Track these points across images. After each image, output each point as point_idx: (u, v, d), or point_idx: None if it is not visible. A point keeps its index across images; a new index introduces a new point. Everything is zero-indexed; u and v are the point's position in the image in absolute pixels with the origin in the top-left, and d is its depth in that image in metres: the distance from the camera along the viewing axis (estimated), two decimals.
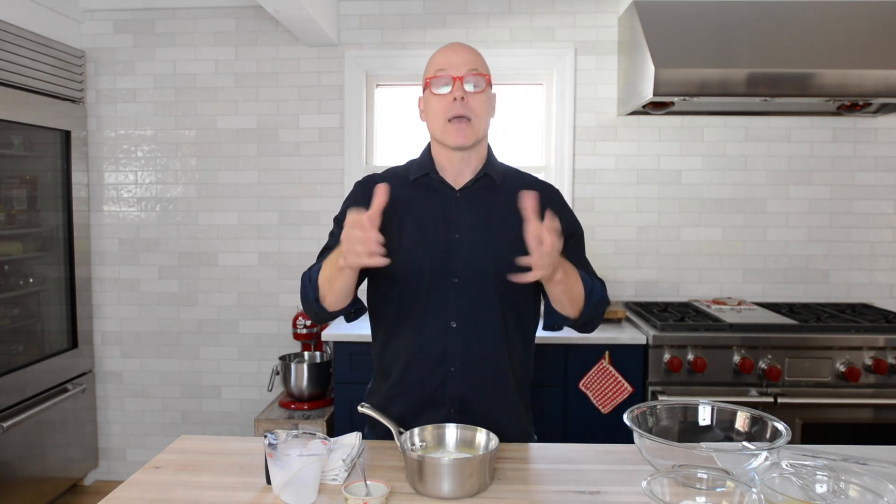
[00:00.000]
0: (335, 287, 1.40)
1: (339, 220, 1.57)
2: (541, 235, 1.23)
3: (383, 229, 1.49)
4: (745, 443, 1.33)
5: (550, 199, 1.55)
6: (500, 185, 1.54)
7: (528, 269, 1.27)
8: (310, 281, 1.46)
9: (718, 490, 1.15)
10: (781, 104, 3.05)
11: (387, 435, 1.43)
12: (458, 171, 1.54)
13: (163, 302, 3.38)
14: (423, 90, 1.53)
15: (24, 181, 3.02)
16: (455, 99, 1.45)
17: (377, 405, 1.50)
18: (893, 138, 3.18)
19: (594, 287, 1.47)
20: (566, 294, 1.41)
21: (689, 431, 1.38)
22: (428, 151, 1.58)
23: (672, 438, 1.36)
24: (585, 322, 1.50)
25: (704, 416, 1.39)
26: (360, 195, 1.56)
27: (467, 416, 1.47)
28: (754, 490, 1.06)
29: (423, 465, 1.22)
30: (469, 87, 1.46)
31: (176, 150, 3.34)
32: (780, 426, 1.27)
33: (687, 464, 1.19)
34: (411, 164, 1.61)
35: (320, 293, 1.44)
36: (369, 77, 3.29)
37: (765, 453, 1.18)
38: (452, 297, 1.48)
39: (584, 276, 1.47)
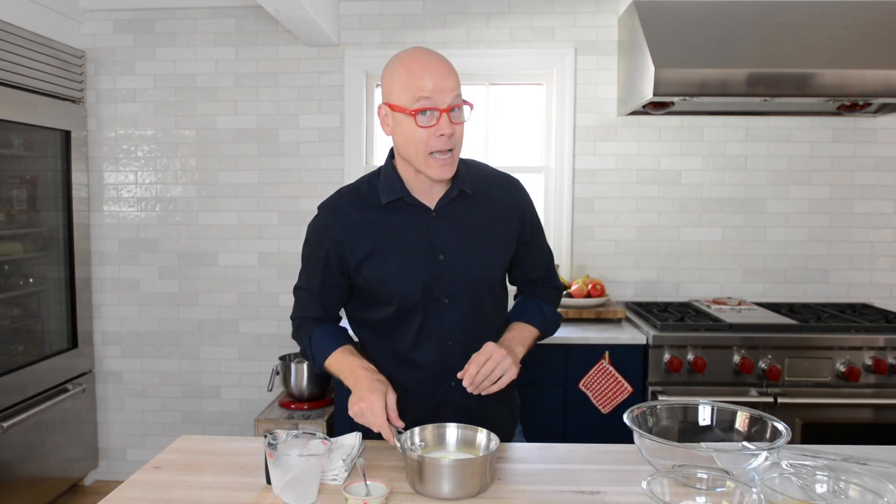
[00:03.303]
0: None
1: (307, 258, 1.59)
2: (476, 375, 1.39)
3: (366, 257, 1.48)
4: (745, 443, 1.33)
5: (517, 192, 1.58)
6: (473, 194, 1.50)
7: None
8: (313, 358, 1.55)
9: (718, 490, 1.15)
10: (781, 104, 3.05)
11: None
12: (429, 189, 1.47)
13: (163, 302, 3.37)
14: (393, 107, 1.38)
15: (24, 181, 3.02)
16: (442, 134, 1.35)
17: None
18: (893, 138, 3.18)
19: (547, 322, 1.60)
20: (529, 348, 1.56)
21: (689, 431, 1.38)
22: (394, 169, 1.49)
23: (672, 438, 1.36)
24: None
25: (704, 416, 1.39)
26: (322, 226, 1.50)
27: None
28: (754, 490, 1.06)
29: (423, 465, 1.22)
30: (455, 117, 1.36)
31: (176, 150, 3.33)
32: (780, 426, 1.27)
33: (687, 464, 1.19)
34: (373, 181, 1.52)
35: (326, 371, 1.54)
36: (369, 77, 3.29)
37: (765, 453, 1.18)
38: (446, 317, 1.49)
39: (535, 317, 1.59)
